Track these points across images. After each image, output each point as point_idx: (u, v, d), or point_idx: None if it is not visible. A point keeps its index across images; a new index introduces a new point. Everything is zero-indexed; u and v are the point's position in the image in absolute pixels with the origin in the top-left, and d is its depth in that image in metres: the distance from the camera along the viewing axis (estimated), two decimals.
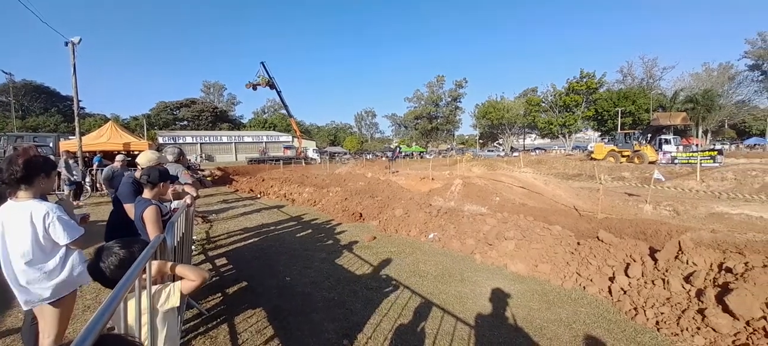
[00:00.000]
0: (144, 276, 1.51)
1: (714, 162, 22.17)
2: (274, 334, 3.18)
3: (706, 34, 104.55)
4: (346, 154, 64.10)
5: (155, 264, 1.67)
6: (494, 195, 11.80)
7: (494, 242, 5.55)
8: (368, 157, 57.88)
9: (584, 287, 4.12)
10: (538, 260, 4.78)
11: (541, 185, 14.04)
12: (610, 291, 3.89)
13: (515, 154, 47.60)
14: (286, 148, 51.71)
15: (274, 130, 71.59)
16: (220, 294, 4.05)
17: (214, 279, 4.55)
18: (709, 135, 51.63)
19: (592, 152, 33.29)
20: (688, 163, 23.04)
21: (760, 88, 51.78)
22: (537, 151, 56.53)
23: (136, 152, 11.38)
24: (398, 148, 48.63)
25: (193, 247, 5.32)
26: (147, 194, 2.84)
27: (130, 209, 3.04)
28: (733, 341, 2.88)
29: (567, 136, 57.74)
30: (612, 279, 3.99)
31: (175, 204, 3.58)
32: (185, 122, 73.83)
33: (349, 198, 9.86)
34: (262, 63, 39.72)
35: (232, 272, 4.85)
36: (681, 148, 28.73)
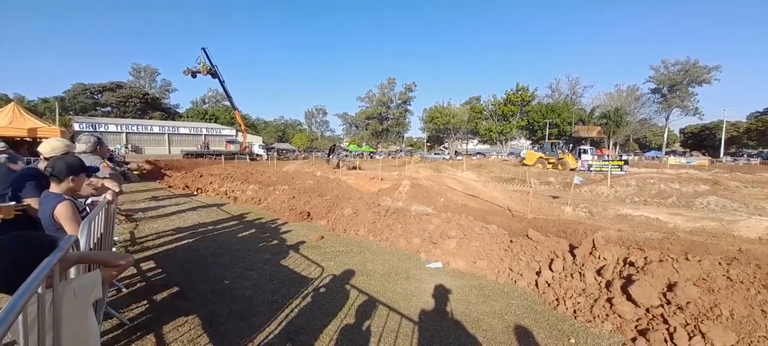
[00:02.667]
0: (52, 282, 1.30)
1: (621, 170, 25.82)
2: (209, 342, 2.97)
3: (620, 58, 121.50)
4: (297, 151, 62.04)
5: (72, 257, 1.46)
6: (439, 196, 12.34)
7: (438, 241, 5.82)
8: (318, 155, 56.65)
9: (515, 281, 4.51)
10: (476, 256, 5.13)
11: (481, 188, 15.03)
12: (536, 284, 4.32)
13: (459, 157, 50.36)
14: (229, 142, 48.30)
15: (215, 122, 66.46)
16: (145, 301, 3.66)
17: (139, 285, 4.10)
18: (617, 147, 59.92)
19: (524, 159, 36.62)
20: (601, 170, 26.49)
21: (660, 109, 61.64)
22: (478, 155, 60.50)
23: (41, 139, 9.71)
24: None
25: (114, 249, 4.71)
26: (55, 188, 2.43)
27: (32, 204, 2.60)
28: (636, 326, 3.37)
29: (504, 143, 62.80)
30: (538, 273, 4.43)
31: (92, 200, 3.15)
32: (109, 108, 65.13)
33: (296, 196, 9.56)
34: (204, 49, 36.49)
35: (161, 277, 4.41)
36: (596, 157, 32.92)
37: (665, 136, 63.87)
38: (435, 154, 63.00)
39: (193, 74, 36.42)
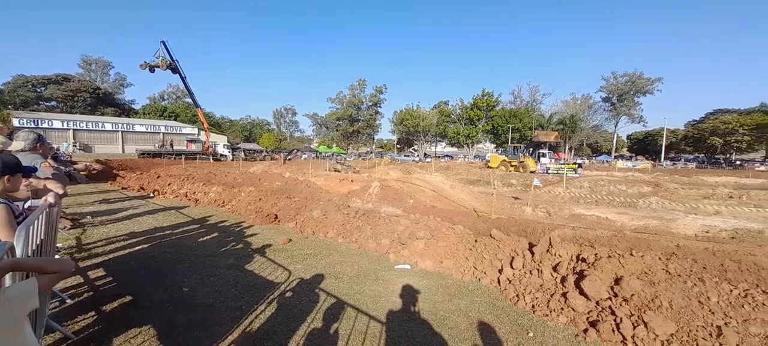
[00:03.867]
0: None
1: (575, 173, 27.69)
2: None
3: (576, 69, 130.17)
4: (265, 151, 59.99)
5: (6, 265, 1.33)
6: (408, 197, 12.52)
7: (407, 242, 5.91)
8: (298, 156, 55.38)
9: (479, 279, 4.69)
10: (443, 256, 5.27)
11: (448, 189, 15.45)
12: (499, 281, 4.52)
13: (428, 160, 51.37)
14: (191, 141, 45.74)
15: (175, 120, 62.66)
16: (93, 313, 3.39)
17: (86, 295, 3.78)
18: (573, 151, 64.02)
19: (489, 162, 38.16)
20: (557, 173, 28.22)
21: (610, 116, 66.73)
22: (446, 158, 62.09)
23: None
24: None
25: (57, 256, 4.30)
26: None
27: None
28: (587, 318, 3.63)
29: (470, 146, 64.99)
30: (501, 271, 4.64)
31: (30, 203, 2.87)
32: (54, 103, 59.28)
33: (263, 198, 9.28)
34: (163, 42, 34.16)
35: (112, 286, 4.09)
36: (553, 161, 35.00)
37: (614, 141, 69.29)
38: (405, 156, 63.78)
39: (151, 69, 34.04)
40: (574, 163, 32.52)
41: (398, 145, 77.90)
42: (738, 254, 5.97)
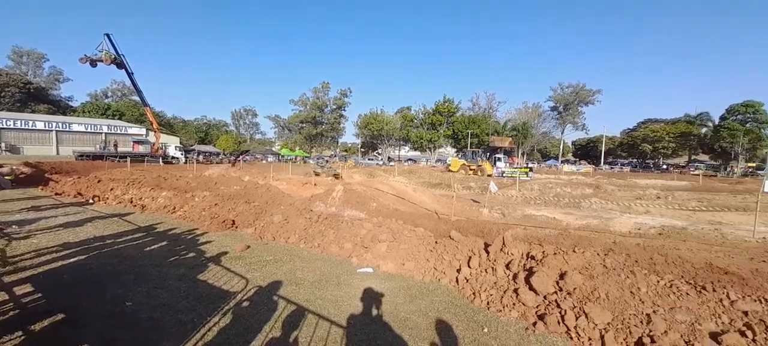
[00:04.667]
0: None
1: (527, 177, 29.57)
2: None
3: (529, 79, 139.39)
4: (222, 154, 56.89)
5: None
6: (372, 201, 12.58)
7: (370, 245, 5.94)
8: (247, 159, 53.02)
9: (439, 279, 4.85)
10: (405, 258, 5.37)
11: (411, 192, 15.76)
12: (457, 280, 4.70)
13: (392, 163, 51.98)
14: (138, 142, 42.14)
15: (120, 119, 57.40)
16: (20, 333, 3.02)
17: (11, 313, 3.36)
18: (525, 156, 68.16)
19: (449, 165, 39.51)
20: (512, 176, 29.92)
21: (557, 124, 71.92)
22: (409, 161, 63.30)
23: None
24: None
25: None
26: None
27: None
28: (536, 312, 3.89)
29: (432, 150, 66.79)
30: (459, 270, 4.84)
31: None
32: None
33: (219, 204, 8.83)
34: (107, 35, 31.21)
35: (42, 302, 3.67)
36: (508, 165, 37.05)
37: (561, 147, 74.92)
38: (369, 159, 63.95)
39: (93, 63, 30.92)
40: (526, 167, 34.76)
41: (362, 149, 77.89)
42: (665, 248, 6.73)
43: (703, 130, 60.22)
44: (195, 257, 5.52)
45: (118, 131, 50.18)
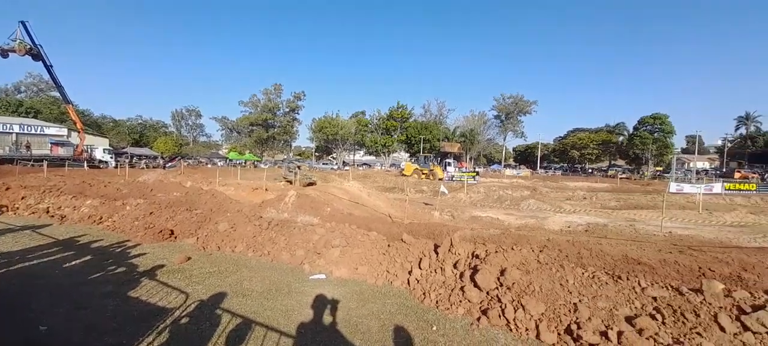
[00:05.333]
0: None
1: (474, 180, 31.32)
2: None
3: (475, 88, 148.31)
4: (160, 157, 51.91)
5: None
6: (326, 206, 12.40)
7: (322, 251, 5.86)
8: (172, 165, 49.02)
9: (391, 282, 4.95)
10: (358, 263, 5.39)
11: (365, 197, 15.82)
12: (408, 282, 4.83)
13: (346, 168, 51.68)
14: (57, 144, 36.92)
15: (36, 117, 49.65)
16: None
17: None
18: (472, 161, 72.08)
19: (403, 170, 40.43)
20: (460, 180, 31.48)
21: (499, 131, 77.16)
22: (364, 166, 63.44)
23: None
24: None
25: None
26: None
27: None
28: (480, 307, 4.14)
29: (387, 154, 67.77)
30: (410, 272, 4.98)
31: None
32: None
33: (156, 212, 8.08)
34: (22, 23, 26.95)
35: None
36: (457, 169, 38.95)
37: (503, 153, 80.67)
38: (323, 164, 62.94)
39: (4, 53, 26.51)
40: (474, 172, 36.91)
41: (316, 153, 76.39)
42: (589, 243, 7.56)
43: (620, 138, 68.63)
44: (125, 272, 4.98)
45: (33, 131, 43.48)
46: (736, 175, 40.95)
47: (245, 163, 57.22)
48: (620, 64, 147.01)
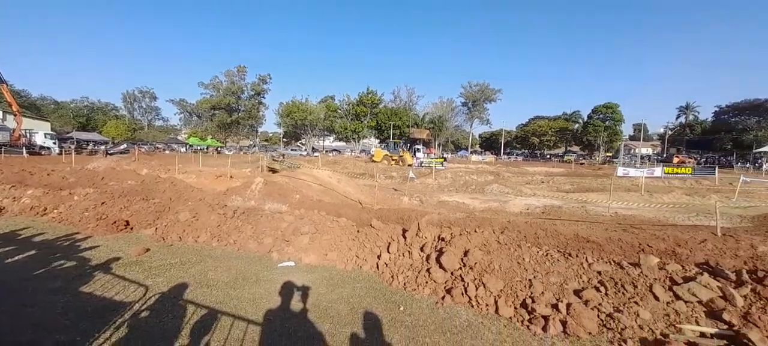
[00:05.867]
0: None
1: (442, 166, 32.10)
2: None
3: (445, 76, 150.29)
4: (111, 142, 47.84)
5: None
6: (295, 193, 12.19)
7: (291, 238, 5.82)
8: (144, 148, 45.86)
9: (361, 267, 5.05)
10: (327, 249, 5.42)
11: (335, 183, 15.74)
12: (377, 266, 4.96)
13: (316, 154, 50.80)
14: None
15: None
16: None
17: None
18: (440, 147, 73.63)
19: (373, 156, 40.50)
20: (429, 166, 32.16)
21: (467, 118, 79.19)
22: (334, 152, 62.66)
23: None
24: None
25: None
26: None
27: None
28: (444, 287, 4.35)
29: (357, 140, 67.31)
30: (379, 256, 5.10)
31: None
32: None
33: (108, 202, 7.57)
34: None
35: None
36: (426, 155, 39.70)
37: (470, 139, 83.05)
38: (291, 150, 61.38)
39: None
40: (442, 158, 37.80)
41: (285, 139, 74.15)
42: (545, 224, 8.10)
43: (576, 126, 72.99)
44: (76, 266, 4.67)
45: None
46: (675, 160, 45.28)
47: (207, 149, 54.47)
48: (579, 57, 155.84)
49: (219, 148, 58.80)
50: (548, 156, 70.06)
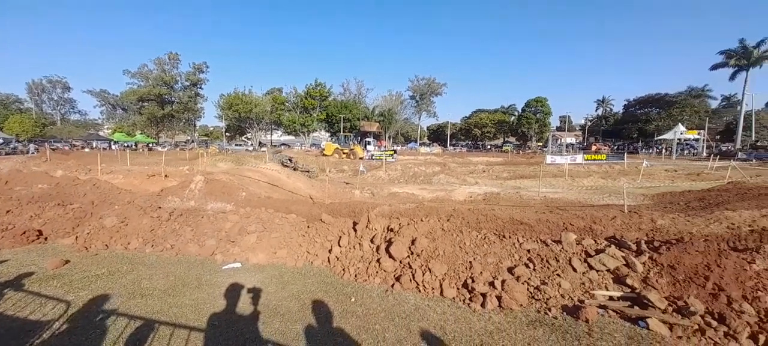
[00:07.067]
0: None
1: (392, 158, 32.83)
2: None
3: (393, 69, 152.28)
4: (17, 141, 40.68)
5: None
6: (241, 191, 11.60)
7: (237, 239, 5.60)
8: (55, 145, 39.85)
9: (312, 262, 5.05)
10: (277, 247, 5.33)
11: (285, 179, 15.27)
12: (329, 260, 5.01)
13: (263, 149, 48.48)
14: None
15: None
16: None
17: None
18: (391, 139, 74.90)
19: (324, 149, 39.90)
20: (380, 159, 32.64)
21: (415, 111, 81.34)
22: (282, 146, 60.32)
23: None
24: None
25: None
26: None
27: None
28: (394, 275, 4.54)
29: (306, 134, 65.52)
30: (330, 251, 5.15)
31: None
32: None
33: (14, 210, 6.57)
34: None
35: None
36: (376, 148, 40.17)
37: (418, 131, 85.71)
38: (236, 145, 57.77)
39: None
40: (392, 150, 38.58)
41: (228, 133, 69.37)
42: (486, 210, 8.77)
43: (512, 118, 78.94)
44: None
45: None
46: (593, 148, 51.45)
47: (136, 145, 49.10)
48: (515, 53, 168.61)
49: (150, 145, 53.26)
50: (489, 147, 74.93)
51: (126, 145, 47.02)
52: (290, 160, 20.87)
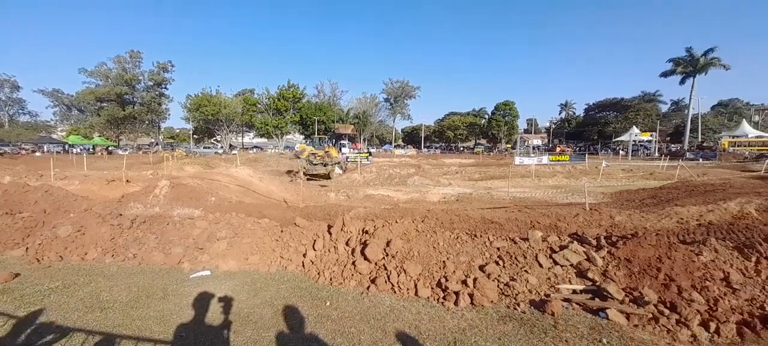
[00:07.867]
0: None
1: (368, 160, 32.83)
2: None
3: (366, 71, 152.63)
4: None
5: None
6: (210, 195, 11.15)
7: (206, 245, 5.39)
8: (3, 150, 36.44)
9: (286, 267, 4.96)
10: (248, 253, 5.18)
11: (257, 182, 14.86)
12: (303, 265, 4.94)
13: (234, 152, 46.90)
14: None
15: None
16: None
17: None
18: (366, 141, 74.90)
19: (297, 152, 39.22)
20: (355, 161, 32.56)
21: (389, 113, 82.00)
22: (255, 149, 58.59)
23: None
24: None
25: None
26: None
27: None
28: (369, 277, 4.56)
29: (279, 136, 63.99)
30: (304, 255, 5.08)
31: None
32: None
33: None
34: None
35: None
36: (352, 150, 40.05)
37: (393, 133, 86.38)
38: (204, 148, 55.37)
39: None
40: (367, 152, 38.62)
41: (196, 136, 66.27)
42: (459, 210, 8.99)
43: (482, 121, 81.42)
44: None
45: None
46: (557, 149, 54.10)
47: (94, 149, 45.90)
48: (485, 58, 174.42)
49: (110, 148, 49.95)
50: (462, 149, 76.80)
51: (83, 148, 43.77)
52: (314, 156, 20.73)
